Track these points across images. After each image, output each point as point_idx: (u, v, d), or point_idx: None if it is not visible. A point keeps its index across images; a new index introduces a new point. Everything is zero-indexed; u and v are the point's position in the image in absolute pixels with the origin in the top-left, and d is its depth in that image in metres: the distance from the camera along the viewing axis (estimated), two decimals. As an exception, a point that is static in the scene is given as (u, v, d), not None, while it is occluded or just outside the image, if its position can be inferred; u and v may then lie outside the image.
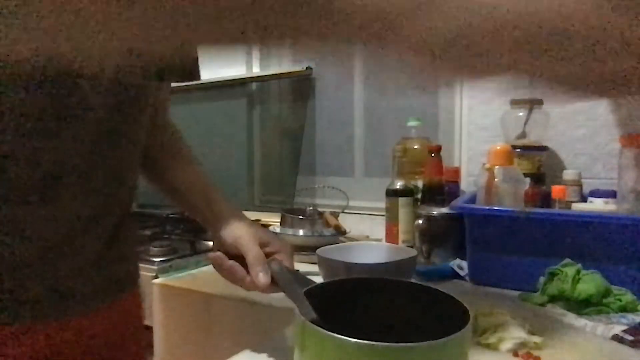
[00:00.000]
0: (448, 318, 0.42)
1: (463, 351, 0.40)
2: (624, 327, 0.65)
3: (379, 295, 0.50)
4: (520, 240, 0.87)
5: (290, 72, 1.69)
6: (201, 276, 1.05)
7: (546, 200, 1.05)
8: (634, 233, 0.78)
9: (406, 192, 1.13)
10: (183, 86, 1.88)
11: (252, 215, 1.66)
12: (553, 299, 0.77)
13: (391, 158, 1.18)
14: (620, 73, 0.24)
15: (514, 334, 0.61)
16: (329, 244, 0.97)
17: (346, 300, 0.50)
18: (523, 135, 1.15)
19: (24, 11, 0.19)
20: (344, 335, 0.37)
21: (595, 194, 1.05)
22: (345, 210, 1.37)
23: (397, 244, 1.10)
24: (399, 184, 1.13)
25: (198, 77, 0.70)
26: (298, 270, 0.68)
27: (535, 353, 0.59)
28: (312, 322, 0.41)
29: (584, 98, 0.27)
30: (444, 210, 1.04)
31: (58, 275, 0.53)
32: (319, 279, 0.90)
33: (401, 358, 0.37)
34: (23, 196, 0.49)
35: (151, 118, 0.67)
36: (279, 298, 0.57)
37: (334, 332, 0.37)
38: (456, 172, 1.23)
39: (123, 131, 0.58)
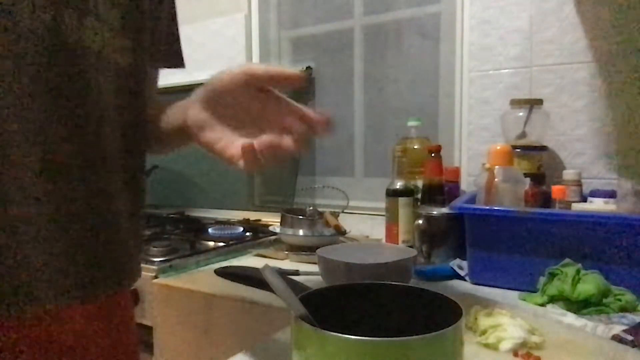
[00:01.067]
0: (443, 318, 0.42)
1: (455, 346, 0.40)
2: (624, 327, 0.65)
3: (375, 301, 0.50)
4: (520, 240, 0.87)
5: (290, 72, 1.69)
6: (201, 276, 1.05)
7: (546, 200, 1.05)
8: (634, 233, 0.78)
9: (406, 192, 1.13)
10: (184, 86, 1.88)
11: (252, 215, 1.66)
12: (553, 299, 0.77)
13: (391, 158, 1.18)
14: None
15: (514, 334, 0.61)
16: (329, 244, 0.97)
17: (342, 307, 0.50)
18: (523, 135, 1.16)
19: None
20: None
21: (595, 194, 1.05)
22: (345, 210, 1.37)
23: (397, 244, 1.10)
24: (399, 184, 1.13)
25: (183, 64, 0.73)
26: (295, 275, 0.68)
27: (535, 353, 0.59)
28: (303, 318, 0.41)
29: None
30: (444, 210, 1.04)
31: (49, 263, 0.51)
32: (319, 279, 0.90)
33: (392, 352, 0.37)
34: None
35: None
36: (279, 298, 0.57)
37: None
38: (456, 172, 1.23)
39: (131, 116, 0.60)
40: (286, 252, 1.21)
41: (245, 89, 0.52)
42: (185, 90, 0.60)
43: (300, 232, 1.23)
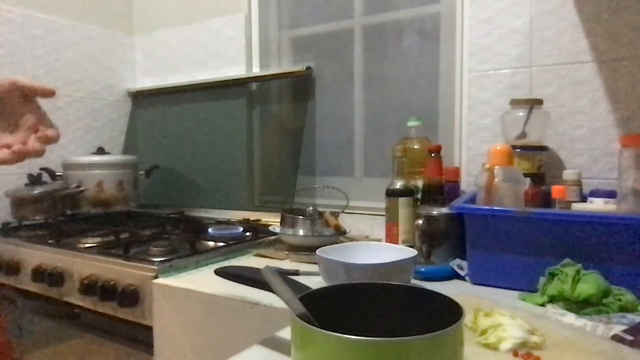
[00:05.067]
0: (443, 318, 0.42)
1: (455, 346, 0.40)
2: (624, 327, 0.65)
3: (375, 301, 0.50)
4: (520, 240, 0.87)
5: (290, 72, 1.69)
6: (201, 276, 1.05)
7: (546, 200, 1.05)
8: (634, 233, 0.78)
9: (406, 192, 1.13)
10: (184, 86, 1.89)
11: (252, 215, 1.66)
12: (553, 299, 0.77)
13: (391, 158, 1.18)
14: None
15: (514, 334, 0.61)
16: (329, 244, 0.97)
17: (342, 307, 0.50)
18: (523, 135, 1.15)
19: None
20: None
21: (595, 194, 1.05)
22: (345, 210, 1.37)
23: (397, 244, 1.10)
24: (399, 184, 1.13)
25: None
26: (295, 275, 0.67)
27: (535, 353, 0.59)
28: (302, 318, 0.41)
29: None
30: (444, 210, 1.04)
31: None
32: (319, 279, 0.90)
33: (392, 352, 0.37)
34: None
35: None
36: (279, 298, 0.57)
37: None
38: (456, 172, 1.23)
39: None
40: (286, 252, 1.21)
41: (10, 94, 0.64)
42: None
43: (300, 232, 1.23)
